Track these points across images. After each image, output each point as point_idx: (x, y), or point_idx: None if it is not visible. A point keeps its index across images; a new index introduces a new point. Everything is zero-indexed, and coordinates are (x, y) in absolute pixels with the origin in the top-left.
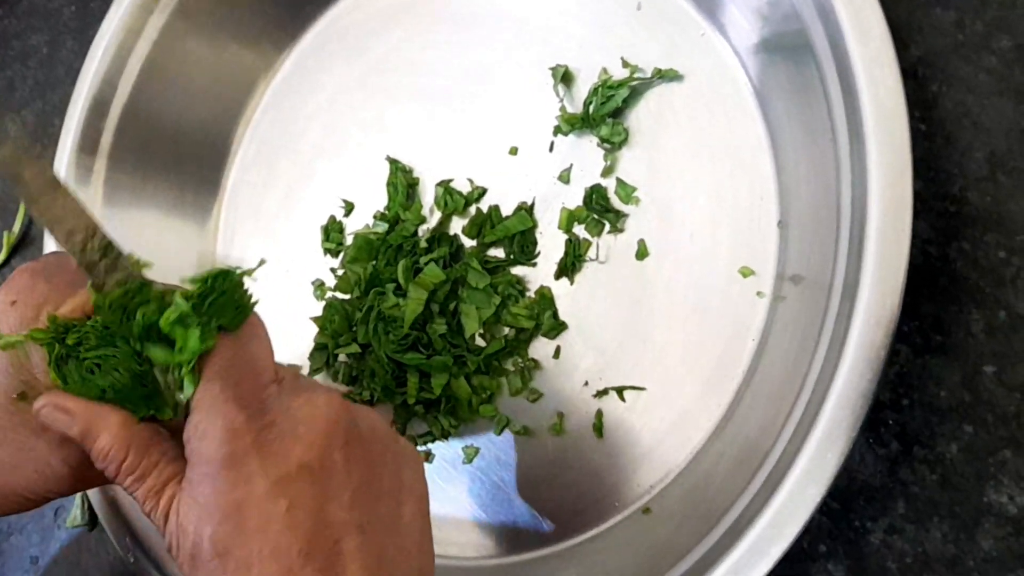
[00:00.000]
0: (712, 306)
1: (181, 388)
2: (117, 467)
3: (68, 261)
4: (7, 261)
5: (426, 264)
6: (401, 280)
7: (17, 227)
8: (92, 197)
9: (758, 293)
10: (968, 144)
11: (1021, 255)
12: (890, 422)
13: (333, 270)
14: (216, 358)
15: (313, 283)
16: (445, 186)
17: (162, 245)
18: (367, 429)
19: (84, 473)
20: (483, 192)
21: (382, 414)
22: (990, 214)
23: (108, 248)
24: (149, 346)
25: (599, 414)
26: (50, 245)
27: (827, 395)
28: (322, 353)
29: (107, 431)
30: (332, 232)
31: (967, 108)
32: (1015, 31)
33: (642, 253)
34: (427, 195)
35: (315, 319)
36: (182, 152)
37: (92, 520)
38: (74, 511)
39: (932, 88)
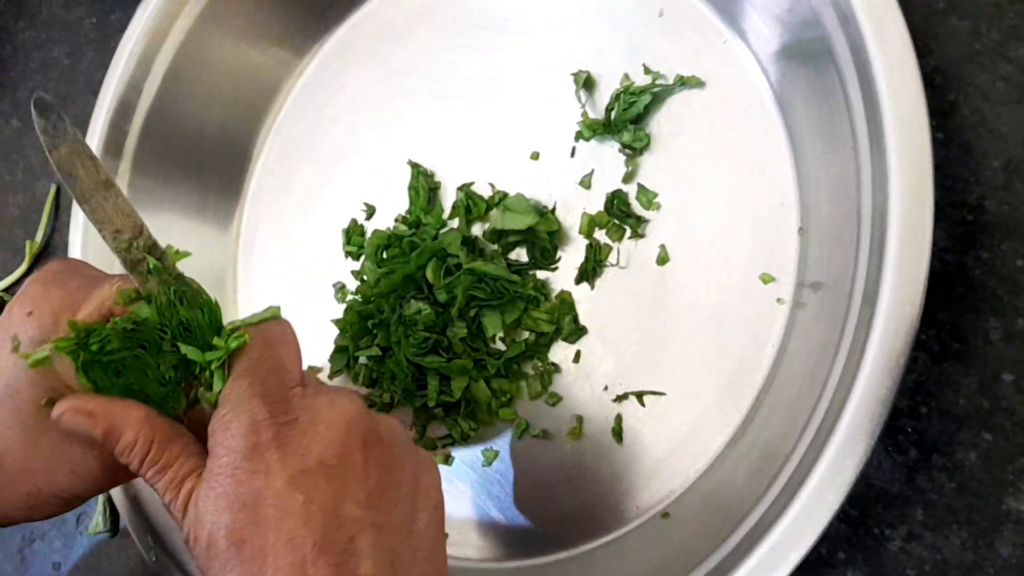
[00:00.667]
0: (732, 312)
1: (210, 385)
2: (140, 460)
3: (76, 266)
4: (30, 270)
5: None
6: (431, 279)
7: (40, 236)
8: None
9: (778, 300)
10: (985, 152)
11: None
12: (908, 429)
13: (355, 273)
14: (245, 357)
15: (334, 285)
16: (466, 190)
17: (185, 247)
18: (387, 434)
19: (116, 469)
20: (504, 196)
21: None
22: (1007, 222)
23: (153, 248)
24: (183, 344)
25: (618, 419)
26: (75, 253)
27: (846, 402)
28: (342, 355)
29: (131, 426)
30: (353, 235)
31: (984, 116)
32: None
33: (663, 259)
34: (448, 199)
35: (336, 321)
36: (205, 156)
37: (114, 526)
38: (96, 518)
39: (948, 96)
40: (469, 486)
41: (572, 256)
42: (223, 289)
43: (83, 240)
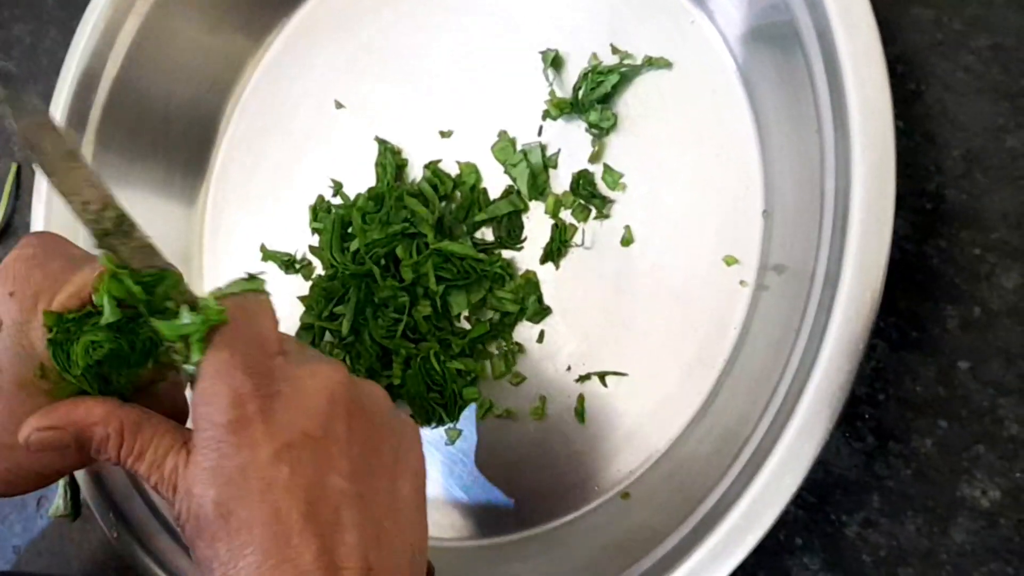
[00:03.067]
0: (695, 294)
1: (188, 357)
2: (116, 452)
3: (58, 244)
4: None
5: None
6: (401, 256)
7: (0, 216)
8: None
9: (741, 282)
10: (946, 141)
11: (996, 252)
12: (866, 416)
13: (312, 248)
14: (225, 328)
15: (300, 262)
16: (433, 168)
17: (150, 225)
18: (369, 403)
19: None
20: (471, 173)
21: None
22: (967, 211)
23: (121, 219)
24: (157, 319)
25: (581, 399)
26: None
27: (806, 386)
28: (308, 333)
29: (97, 424)
30: (320, 212)
31: (945, 106)
32: (993, 30)
33: (627, 240)
34: (415, 176)
35: (302, 298)
36: (171, 131)
37: (75, 510)
38: (57, 501)
39: (910, 86)
40: (432, 465)
41: (537, 236)
42: (189, 265)
43: (45, 220)
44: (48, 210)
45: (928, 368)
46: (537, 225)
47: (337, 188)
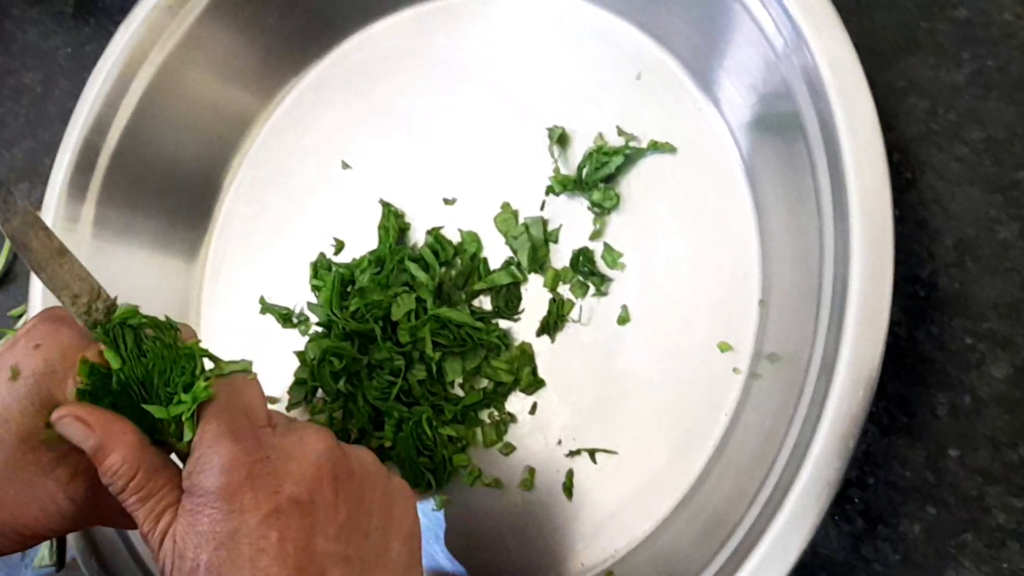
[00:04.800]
0: (688, 377)
1: (181, 436)
2: (124, 484)
3: None
4: None
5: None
6: (397, 317)
7: (1, 263)
8: (82, 224)
9: (734, 369)
10: (938, 230)
11: (986, 342)
12: (855, 500)
13: (311, 305)
14: (213, 402)
15: (298, 317)
16: (435, 234)
17: (149, 277)
18: (357, 467)
19: (87, 512)
20: (472, 242)
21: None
22: (958, 299)
23: (112, 308)
24: (146, 405)
25: (570, 473)
26: (36, 283)
27: (796, 477)
28: (302, 388)
29: (120, 449)
30: (321, 269)
31: (938, 195)
32: (986, 122)
33: (623, 319)
34: (417, 240)
35: (298, 353)
36: (175, 183)
37: (60, 560)
38: (42, 551)
39: (906, 174)
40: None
41: (535, 308)
42: (187, 317)
43: None
44: None
45: (917, 453)
46: (535, 298)
47: (339, 247)
